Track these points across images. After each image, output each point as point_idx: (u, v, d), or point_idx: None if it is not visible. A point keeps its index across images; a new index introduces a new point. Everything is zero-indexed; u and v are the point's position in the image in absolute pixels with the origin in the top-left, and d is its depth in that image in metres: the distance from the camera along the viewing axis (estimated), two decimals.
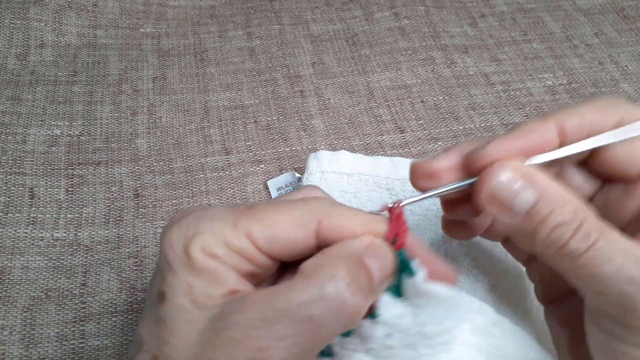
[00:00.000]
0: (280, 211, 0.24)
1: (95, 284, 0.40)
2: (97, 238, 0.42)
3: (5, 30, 0.56)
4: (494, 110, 0.52)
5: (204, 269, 0.22)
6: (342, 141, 0.49)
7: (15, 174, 0.46)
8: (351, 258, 0.23)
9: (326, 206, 0.24)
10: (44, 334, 0.37)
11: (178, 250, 0.23)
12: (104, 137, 0.50)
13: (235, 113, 0.52)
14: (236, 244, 0.23)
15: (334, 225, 0.24)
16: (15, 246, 0.41)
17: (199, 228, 0.23)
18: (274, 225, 0.23)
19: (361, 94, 0.54)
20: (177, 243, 0.23)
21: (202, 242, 0.23)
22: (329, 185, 0.42)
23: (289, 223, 0.23)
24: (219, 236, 0.23)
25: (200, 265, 0.22)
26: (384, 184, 0.42)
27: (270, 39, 0.60)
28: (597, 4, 0.63)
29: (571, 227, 0.23)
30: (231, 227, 0.23)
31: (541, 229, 0.24)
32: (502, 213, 0.25)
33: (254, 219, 0.23)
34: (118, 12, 0.60)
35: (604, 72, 0.55)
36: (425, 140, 0.49)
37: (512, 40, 0.59)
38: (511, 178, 0.24)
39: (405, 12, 0.61)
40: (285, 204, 0.24)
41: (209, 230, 0.23)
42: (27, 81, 0.53)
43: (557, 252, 0.24)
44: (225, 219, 0.23)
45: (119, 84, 0.54)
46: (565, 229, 0.23)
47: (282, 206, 0.24)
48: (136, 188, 0.46)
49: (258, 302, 0.22)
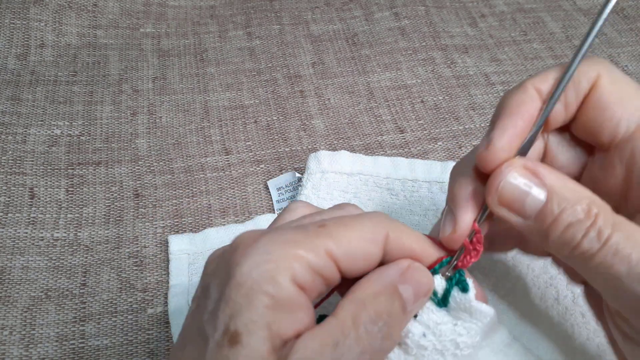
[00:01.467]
0: (351, 227, 0.23)
1: (95, 284, 0.40)
2: (97, 238, 0.42)
3: (5, 30, 0.56)
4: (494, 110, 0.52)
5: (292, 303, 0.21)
6: (342, 141, 0.49)
7: (15, 174, 0.46)
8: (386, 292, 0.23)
9: (388, 221, 0.24)
10: (44, 334, 0.37)
11: (262, 281, 0.20)
12: (104, 137, 0.50)
13: (235, 113, 0.52)
14: (321, 266, 0.21)
15: (398, 240, 0.24)
16: (15, 246, 0.41)
17: (284, 254, 0.21)
18: (351, 242, 0.22)
19: (361, 94, 0.54)
20: (260, 272, 0.20)
21: (291, 270, 0.21)
22: (329, 185, 0.42)
23: (362, 239, 0.23)
24: (306, 262, 0.21)
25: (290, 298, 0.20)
26: (384, 183, 0.42)
27: (270, 39, 0.60)
28: (597, 4, 0.63)
29: (584, 225, 0.22)
30: (312, 249, 0.21)
31: (553, 229, 0.23)
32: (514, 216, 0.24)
33: (331, 238, 0.22)
34: (118, 12, 0.60)
35: None
36: (425, 140, 0.49)
37: (512, 40, 0.59)
38: (519, 178, 0.24)
39: (405, 12, 0.61)
40: (352, 219, 0.23)
41: (295, 256, 0.21)
42: (27, 81, 0.53)
43: (571, 253, 0.23)
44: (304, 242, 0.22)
45: (119, 84, 0.54)
46: (578, 228, 0.22)
47: (350, 222, 0.23)
48: (136, 188, 0.46)
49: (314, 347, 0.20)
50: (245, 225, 0.43)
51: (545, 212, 0.23)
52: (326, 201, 0.41)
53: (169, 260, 0.41)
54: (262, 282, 0.20)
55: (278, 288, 0.20)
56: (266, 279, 0.20)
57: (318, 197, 0.41)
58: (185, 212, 0.44)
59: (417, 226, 0.41)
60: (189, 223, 0.44)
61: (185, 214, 0.44)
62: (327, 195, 0.41)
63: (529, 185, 0.24)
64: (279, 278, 0.20)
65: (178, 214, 0.44)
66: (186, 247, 0.41)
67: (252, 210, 0.44)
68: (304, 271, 0.21)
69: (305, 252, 0.21)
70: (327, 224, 0.23)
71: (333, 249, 0.22)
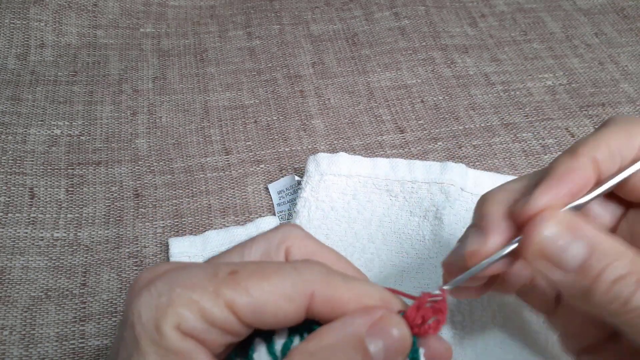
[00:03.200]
0: (268, 280, 0.20)
1: (95, 284, 0.40)
2: (97, 238, 0.42)
3: (5, 30, 0.56)
4: (494, 110, 0.52)
5: (178, 351, 0.19)
6: (342, 141, 0.49)
7: (15, 174, 0.46)
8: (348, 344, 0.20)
9: (320, 275, 0.21)
10: (44, 334, 0.37)
11: (148, 325, 0.19)
12: (104, 137, 0.50)
13: (235, 113, 0.52)
14: (217, 316, 0.20)
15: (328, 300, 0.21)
16: (15, 246, 0.41)
17: (174, 298, 0.19)
18: (260, 297, 0.20)
19: (361, 94, 0.54)
20: (147, 315, 0.19)
21: (177, 317, 0.19)
22: (327, 188, 0.42)
23: (277, 295, 0.20)
24: (198, 309, 0.19)
25: (174, 346, 0.19)
26: (383, 185, 0.42)
27: (270, 39, 0.60)
28: (597, 4, 0.63)
29: (631, 280, 0.21)
30: (211, 297, 0.20)
31: (599, 285, 0.22)
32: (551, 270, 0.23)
33: (239, 289, 0.20)
34: (118, 12, 0.60)
35: (604, 72, 0.55)
36: (425, 140, 0.49)
37: (512, 40, 0.59)
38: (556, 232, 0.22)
39: (405, 12, 0.61)
40: (273, 270, 0.21)
41: (185, 302, 0.19)
42: (27, 81, 0.53)
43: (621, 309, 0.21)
44: (205, 287, 0.20)
45: (119, 84, 0.54)
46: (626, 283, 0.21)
47: (270, 273, 0.21)
48: (136, 188, 0.46)
49: None
50: (246, 228, 0.42)
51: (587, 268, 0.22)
52: (325, 203, 0.41)
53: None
54: (148, 328, 0.19)
55: (161, 336, 0.19)
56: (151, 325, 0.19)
57: (317, 200, 0.41)
58: (185, 212, 0.44)
59: (417, 228, 0.41)
60: (189, 223, 0.44)
61: (185, 214, 0.44)
62: (325, 197, 0.41)
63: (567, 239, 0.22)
64: (163, 325, 0.19)
65: (178, 214, 0.44)
66: (186, 250, 0.41)
67: (252, 210, 0.44)
68: (193, 319, 0.19)
69: (200, 298, 0.19)
70: (239, 271, 0.21)
71: (235, 301, 0.20)
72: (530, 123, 0.51)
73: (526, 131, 0.50)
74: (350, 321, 0.21)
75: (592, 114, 0.51)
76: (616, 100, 0.52)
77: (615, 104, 0.52)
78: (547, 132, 0.50)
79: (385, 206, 0.42)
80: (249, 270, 0.21)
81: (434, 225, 0.40)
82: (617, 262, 0.22)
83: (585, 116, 0.51)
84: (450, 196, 0.40)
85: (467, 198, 0.41)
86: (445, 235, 0.40)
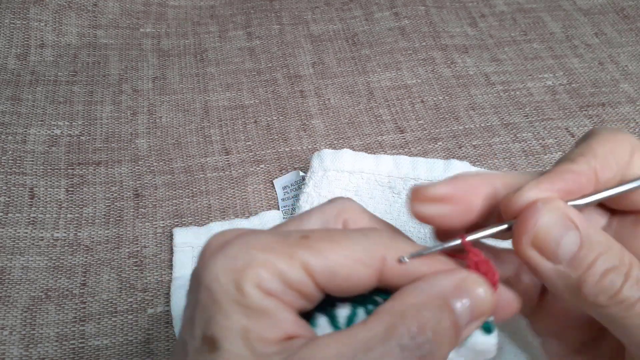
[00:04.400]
0: (340, 244, 0.20)
1: (95, 284, 0.40)
2: (97, 238, 0.42)
3: (5, 30, 0.56)
4: (494, 110, 0.52)
5: (261, 309, 0.19)
6: (342, 141, 0.49)
7: (15, 174, 0.46)
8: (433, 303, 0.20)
9: (389, 241, 0.21)
10: (44, 334, 0.37)
11: (228, 286, 0.19)
12: (104, 137, 0.50)
13: (235, 113, 0.52)
14: (294, 278, 0.20)
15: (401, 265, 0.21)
16: (15, 246, 0.41)
17: (251, 260, 0.19)
18: (335, 260, 0.20)
19: (361, 94, 0.54)
20: (226, 277, 0.19)
21: (256, 276, 0.19)
22: (330, 184, 0.42)
23: (351, 258, 0.20)
24: (275, 270, 0.19)
25: (257, 304, 0.19)
26: (385, 182, 0.42)
27: (270, 39, 0.60)
28: (597, 4, 0.63)
29: (621, 272, 0.21)
30: (287, 258, 0.20)
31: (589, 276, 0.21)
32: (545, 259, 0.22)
33: (312, 251, 0.20)
34: (118, 12, 0.60)
35: (604, 72, 0.55)
36: (425, 140, 0.49)
37: (512, 40, 0.59)
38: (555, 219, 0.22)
39: (405, 12, 0.62)
40: (342, 235, 0.21)
41: (263, 262, 0.19)
42: (27, 81, 0.53)
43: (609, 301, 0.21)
44: (279, 250, 0.20)
45: (119, 84, 0.54)
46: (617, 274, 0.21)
47: (340, 239, 0.21)
48: (136, 188, 0.46)
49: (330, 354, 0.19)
50: (250, 221, 0.43)
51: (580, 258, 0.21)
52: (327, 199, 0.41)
53: (172, 254, 0.41)
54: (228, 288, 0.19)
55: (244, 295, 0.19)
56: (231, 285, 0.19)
57: (319, 195, 0.41)
58: (185, 212, 0.44)
59: (419, 225, 0.41)
60: (189, 223, 0.43)
61: (185, 214, 0.44)
62: (328, 193, 0.41)
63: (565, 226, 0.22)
64: (245, 285, 0.19)
65: (178, 214, 0.44)
66: (190, 240, 0.41)
67: (252, 210, 0.44)
68: (271, 280, 0.19)
69: (276, 259, 0.19)
70: (311, 236, 0.20)
71: (311, 263, 0.20)
72: (530, 123, 0.51)
73: (526, 131, 0.50)
74: (434, 281, 0.21)
75: (592, 114, 0.51)
76: (616, 100, 0.52)
77: (615, 104, 0.52)
78: (547, 132, 0.50)
79: (388, 203, 0.42)
80: (319, 234, 0.21)
81: None
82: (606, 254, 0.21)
83: (585, 116, 0.51)
84: None
85: None
86: None
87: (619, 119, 0.51)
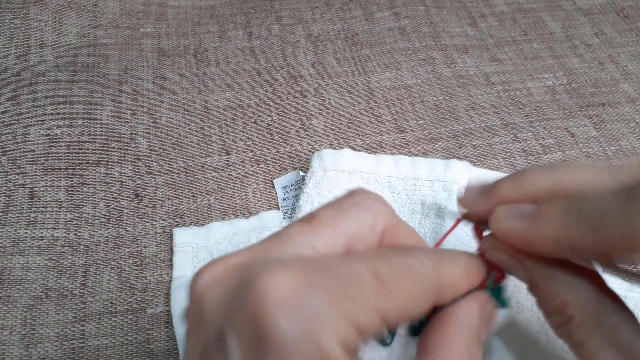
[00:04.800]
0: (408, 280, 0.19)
1: (95, 284, 0.40)
2: (97, 238, 0.42)
3: (5, 30, 0.56)
4: (494, 110, 0.52)
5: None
6: (342, 141, 0.49)
7: (15, 174, 0.46)
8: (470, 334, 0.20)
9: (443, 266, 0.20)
10: (44, 334, 0.37)
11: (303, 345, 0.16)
12: (104, 137, 0.50)
13: (235, 113, 0.52)
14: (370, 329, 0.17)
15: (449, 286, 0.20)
16: (15, 246, 0.41)
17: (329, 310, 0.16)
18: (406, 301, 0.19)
19: (361, 94, 0.54)
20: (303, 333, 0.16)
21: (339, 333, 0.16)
22: (330, 184, 0.42)
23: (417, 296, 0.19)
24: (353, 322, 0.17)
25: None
26: (385, 182, 0.42)
27: (270, 39, 0.60)
28: (597, 4, 0.63)
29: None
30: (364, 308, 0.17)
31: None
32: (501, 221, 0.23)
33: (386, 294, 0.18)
34: (118, 12, 0.60)
35: (604, 72, 0.55)
36: (425, 140, 0.49)
37: (512, 40, 0.59)
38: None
39: (405, 12, 0.62)
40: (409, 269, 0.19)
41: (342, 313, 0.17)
42: (27, 81, 0.53)
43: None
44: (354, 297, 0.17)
45: (119, 84, 0.54)
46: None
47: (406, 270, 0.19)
48: (136, 188, 0.46)
49: None
50: (250, 221, 0.43)
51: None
52: (327, 199, 0.41)
53: (172, 254, 0.41)
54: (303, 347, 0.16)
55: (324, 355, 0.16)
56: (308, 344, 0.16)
57: (319, 195, 0.41)
58: (185, 212, 0.44)
59: (419, 226, 0.41)
60: (189, 223, 0.43)
61: (185, 214, 0.44)
62: (328, 193, 0.41)
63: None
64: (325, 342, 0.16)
65: (178, 214, 0.44)
66: (190, 240, 0.41)
67: (252, 210, 0.44)
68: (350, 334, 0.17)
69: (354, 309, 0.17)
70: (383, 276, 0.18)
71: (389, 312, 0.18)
72: (530, 123, 0.51)
73: (526, 131, 0.50)
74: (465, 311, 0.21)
75: (592, 114, 0.51)
76: (616, 100, 0.52)
77: (615, 104, 0.52)
78: (547, 132, 0.50)
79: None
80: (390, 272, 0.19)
81: (436, 224, 0.40)
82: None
83: (585, 116, 0.51)
84: (453, 194, 0.40)
85: None
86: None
87: (619, 119, 0.51)
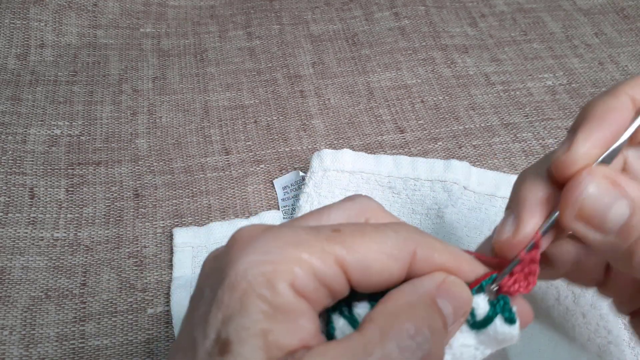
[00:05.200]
0: (372, 239, 0.20)
1: (95, 284, 0.40)
2: (97, 238, 0.42)
3: (5, 30, 0.56)
4: (494, 110, 0.52)
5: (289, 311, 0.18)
6: (342, 141, 0.49)
7: (15, 174, 0.46)
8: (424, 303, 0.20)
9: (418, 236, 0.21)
10: (44, 334, 0.37)
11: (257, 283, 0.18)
12: (104, 137, 0.50)
13: (235, 113, 0.52)
14: (327, 275, 0.19)
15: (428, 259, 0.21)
16: (15, 246, 0.41)
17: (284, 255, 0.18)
18: (368, 255, 0.19)
19: (361, 94, 0.54)
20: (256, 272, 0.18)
21: (291, 274, 0.18)
22: (330, 184, 0.42)
23: (382, 253, 0.20)
24: (310, 267, 0.18)
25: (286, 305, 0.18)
26: (386, 182, 0.42)
27: (270, 39, 0.60)
28: (597, 4, 0.63)
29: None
30: (321, 254, 0.19)
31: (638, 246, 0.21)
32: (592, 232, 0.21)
33: (345, 245, 0.19)
34: (118, 12, 0.60)
35: (604, 72, 0.55)
36: (425, 140, 0.49)
37: (512, 40, 0.59)
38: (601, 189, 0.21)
39: (405, 12, 0.62)
40: (374, 230, 0.20)
41: (297, 258, 0.18)
42: (27, 81, 0.53)
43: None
44: (313, 245, 0.19)
45: (119, 84, 0.54)
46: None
47: (372, 233, 0.20)
48: (136, 188, 0.46)
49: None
50: (250, 221, 0.43)
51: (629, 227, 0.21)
52: (327, 199, 0.41)
53: (172, 254, 0.41)
54: (258, 285, 0.18)
55: (275, 293, 0.18)
56: (262, 282, 0.18)
57: (319, 195, 0.41)
58: (185, 212, 0.44)
59: (419, 226, 0.41)
60: (189, 223, 0.43)
61: (185, 214, 0.44)
62: (328, 193, 0.41)
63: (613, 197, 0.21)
64: (277, 282, 0.18)
65: (178, 214, 0.44)
66: (190, 240, 0.41)
67: (252, 210, 0.44)
68: (306, 277, 0.18)
69: (310, 255, 0.18)
70: (342, 229, 0.20)
71: (345, 257, 0.19)
72: (530, 123, 0.51)
73: (526, 131, 0.50)
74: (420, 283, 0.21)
75: None
76: None
77: None
78: (547, 132, 0.50)
79: (388, 203, 0.42)
80: (351, 229, 0.20)
81: (436, 224, 0.40)
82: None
83: None
84: (453, 195, 0.40)
85: (470, 197, 0.41)
86: (447, 233, 0.40)
87: None
